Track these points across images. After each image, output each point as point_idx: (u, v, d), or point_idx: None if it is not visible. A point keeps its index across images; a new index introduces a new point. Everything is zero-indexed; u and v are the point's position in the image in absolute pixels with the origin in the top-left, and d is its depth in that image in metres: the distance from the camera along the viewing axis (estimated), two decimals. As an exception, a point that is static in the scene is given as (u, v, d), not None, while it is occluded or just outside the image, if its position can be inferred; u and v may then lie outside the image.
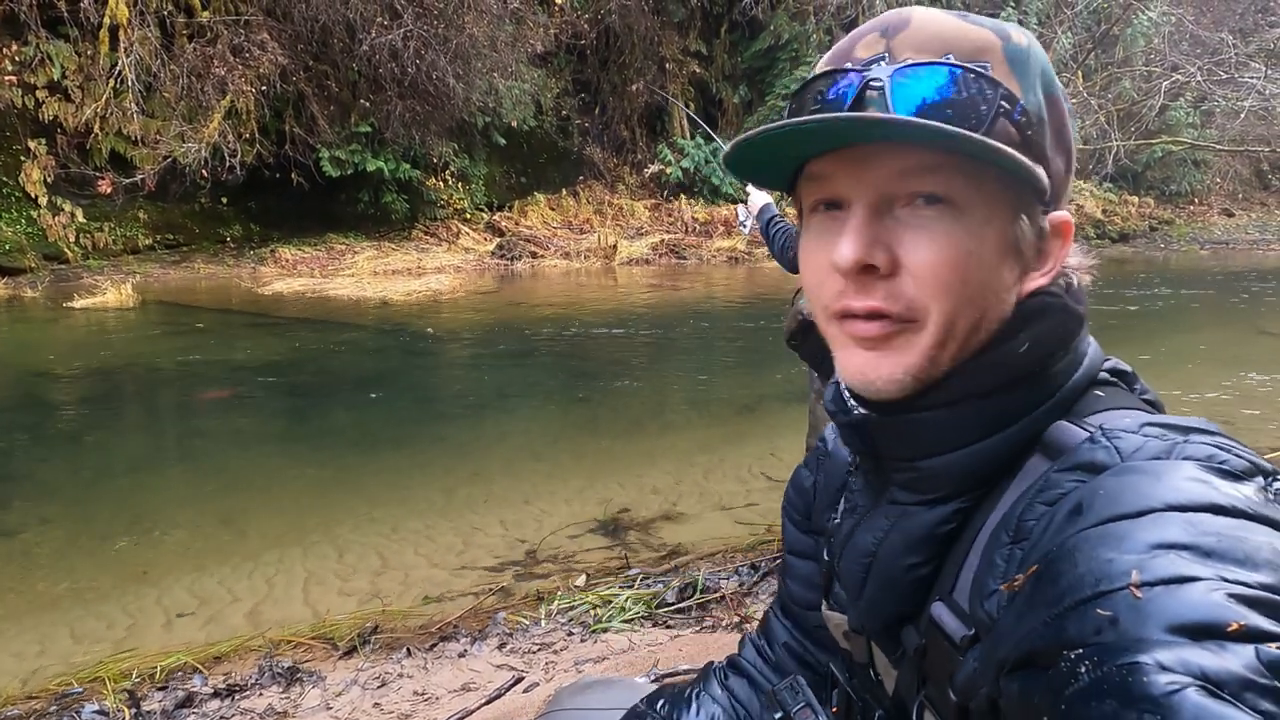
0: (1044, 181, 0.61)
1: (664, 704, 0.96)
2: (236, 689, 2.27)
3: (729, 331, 8.54)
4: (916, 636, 0.68)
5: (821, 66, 0.66)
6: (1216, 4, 18.40)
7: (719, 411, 5.59)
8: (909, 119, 0.57)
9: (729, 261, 14.69)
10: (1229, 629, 0.39)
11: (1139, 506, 0.48)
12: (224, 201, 12.86)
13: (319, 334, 8.10)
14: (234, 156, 11.54)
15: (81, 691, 2.33)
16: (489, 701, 2.11)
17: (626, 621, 2.59)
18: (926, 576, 0.67)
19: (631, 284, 12.35)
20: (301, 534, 3.53)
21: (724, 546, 3.27)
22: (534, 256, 14.11)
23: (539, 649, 2.44)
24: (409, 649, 2.47)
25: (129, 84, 11.01)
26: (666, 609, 2.67)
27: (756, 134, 0.61)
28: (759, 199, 2.97)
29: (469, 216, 15.22)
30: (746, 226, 2.99)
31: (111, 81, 11.08)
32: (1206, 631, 0.40)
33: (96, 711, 2.18)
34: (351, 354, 7.36)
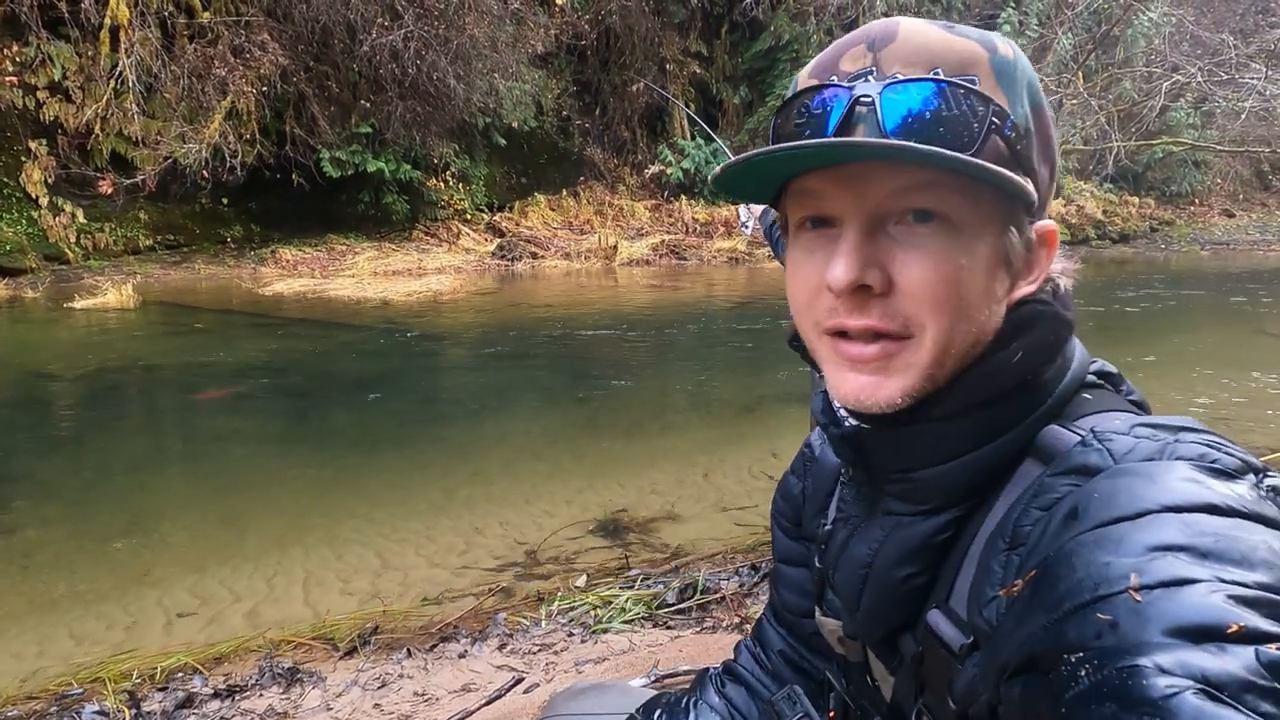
0: (1034, 195, 0.61)
1: (661, 714, 0.95)
2: (237, 689, 2.27)
3: (729, 332, 8.54)
4: (914, 644, 0.68)
5: (805, 79, 0.65)
6: (1217, 5, 18.40)
7: (719, 412, 5.59)
8: (909, 145, 0.56)
9: (729, 262, 14.69)
10: (1228, 631, 0.39)
11: (1135, 509, 0.48)
12: (224, 202, 12.86)
13: (319, 334, 8.10)
14: (234, 157, 11.54)
15: (81, 692, 2.33)
16: (489, 702, 2.11)
17: (627, 622, 2.58)
18: (923, 585, 0.66)
19: (632, 284, 12.35)
20: (302, 534, 3.53)
21: (724, 547, 3.27)
22: (534, 257, 14.11)
23: (539, 650, 2.44)
24: (409, 649, 2.47)
25: (130, 85, 11.01)
26: (667, 610, 2.67)
27: (753, 158, 0.60)
28: None
29: (469, 217, 15.23)
30: (748, 228, 2.99)
31: (112, 82, 11.09)
32: (1206, 634, 0.40)
33: (97, 712, 2.18)
34: (352, 354, 7.36)
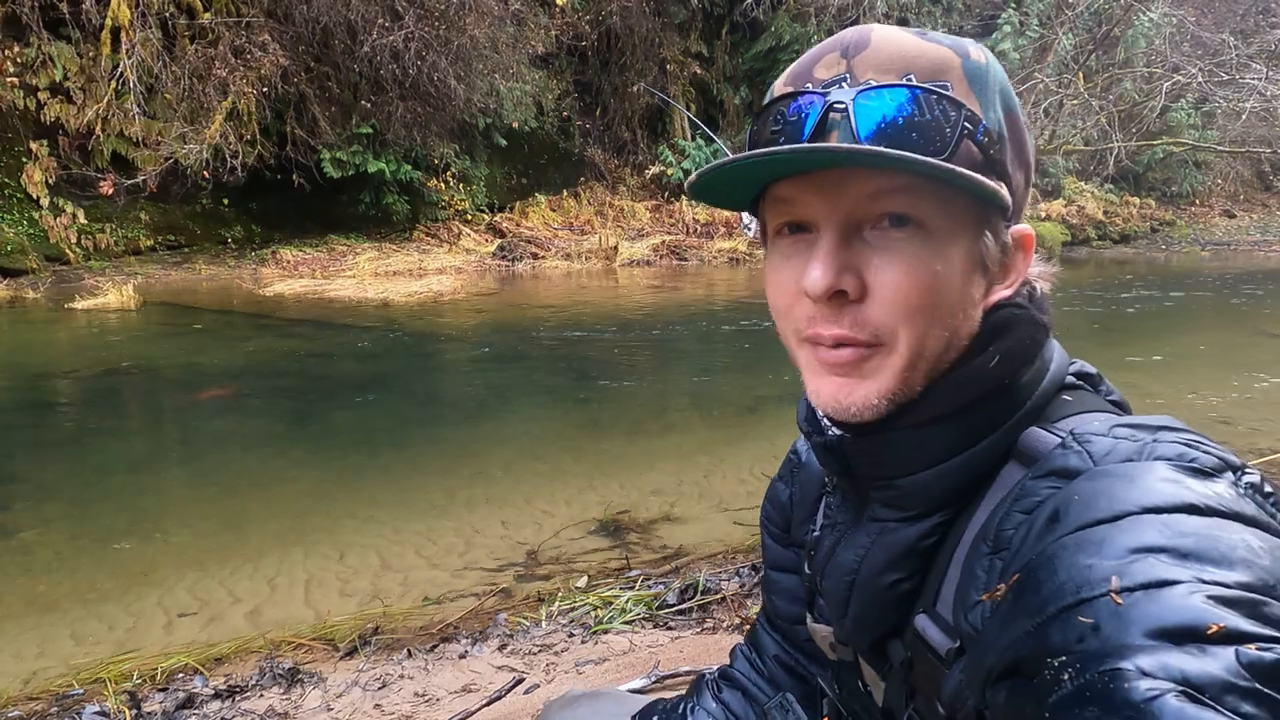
0: (1008, 200, 0.62)
1: None
2: (237, 690, 2.27)
3: (730, 332, 8.54)
4: (902, 650, 0.68)
5: (782, 86, 0.66)
6: (1217, 5, 18.41)
7: (720, 412, 5.59)
8: (881, 150, 0.57)
9: (730, 263, 14.69)
10: (1208, 631, 0.40)
11: (1115, 511, 0.48)
12: (225, 203, 12.87)
13: (320, 335, 8.10)
14: (235, 158, 11.55)
15: (82, 693, 2.33)
16: (490, 703, 2.11)
17: (627, 623, 2.58)
18: (910, 591, 0.67)
19: (632, 285, 12.36)
20: (302, 535, 3.53)
21: (725, 548, 3.27)
22: (535, 258, 14.11)
23: (540, 650, 2.44)
24: (410, 650, 2.47)
25: (131, 85, 11.02)
26: (667, 610, 2.67)
27: (727, 164, 0.60)
28: None
29: (470, 218, 15.23)
30: (751, 229, 2.98)
31: (113, 83, 11.10)
32: (1187, 635, 0.40)
33: (97, 713, 2.17)
34: (352, 355, 7.36)
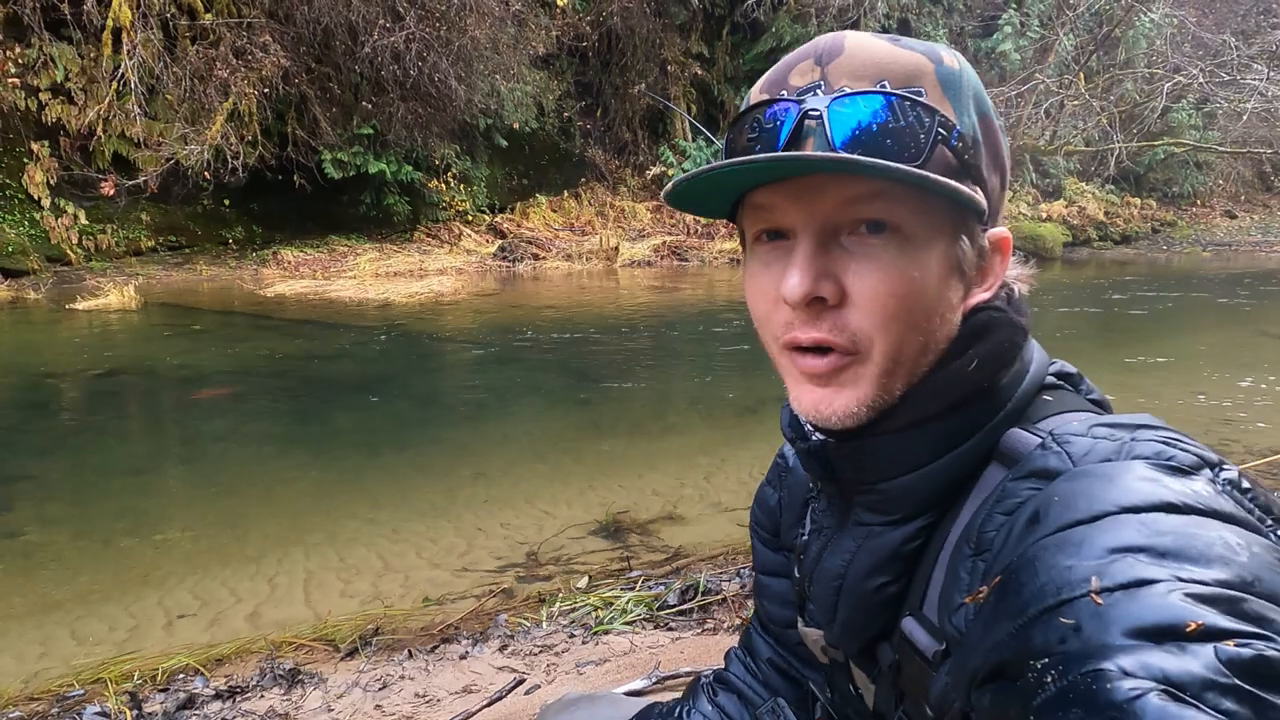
0: (983, 204, 0.62)
1: None
2: (238, 691, 2.27)
3: (730, 333, 8.53)
4: (891, 653, 0.68)
5: (757, 94, 0.66)
6: (1218, 6, 18.41)
7: (721, 413, 5.59)
8: (854, 158, 0.57)
9: (731, 263, 14.69)
10: (1188, 629, 0.40)
11: (1094, 511, 0.48)
12: (226, 203, 12.88)
13: (321, 336, 8.11)
14: (236, 158, 11.56)
15: (83, 693, 2.33)
16: (490, 704, 2.11)
17: (628, 623, 2.58)
18: (896, 594, 0.67)
19: (633, 286, 12.36)
20: (303, 535, 3.53)
21: (726, 548, 3.27)
22: (536, 258, 14.12)
23: (540, 651, 2.43)
24: (410, 651, 2.47)
25: (132, 86, 11.03)
26: (668, 611, 2.66)
27: (702, 173, 0.61)
28: None
29: (471, 218, 15.24)
30: None
31: (114, 84, 11.11)
32: (1166, 633, 0.40)
33: (98, 713, 2.18)
34: (353, 356, 7.36)
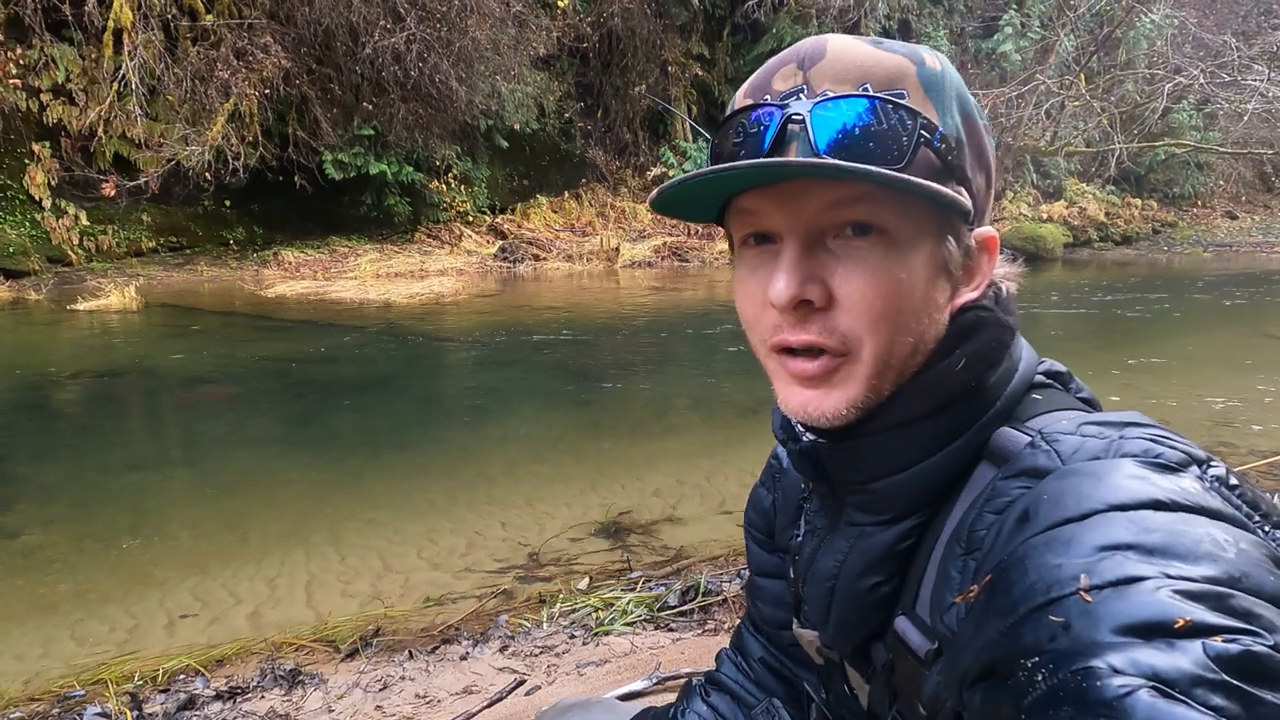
0: (967, 205, 0.62)
1: None
2: (238, 691, 2.27)
3: (731, 334, 8.53)
4: (885, 652, 0.68)
5: (741, 99, 0.67)
6: (1219, 6, 18.41)
7: (721, 414, 5.59)
8: (837, 163, 0.57)
9: (731, 264, 14.67)
10: (1176, 626, 0.40)
11: (1082, 509, 0.48)
12: (227, 204, 12.89)
13: (321, 337, 8.11)
14: (237, 159, 11.57)
15: (84, 694, 2.33)
16: (490, 704, 2.10)
17: (628, 624, 2.58)
18: (889, 594, 0.67)
19: (634, 286, 12.36)
20: (303, 536, 3.53)
21: (726, 549, 3.27)
22: (536, 259, 14.13)
23: (541, 652, 2.43)
24: (411, 651, 2.47)
25: (133, 87, 11.04)
26: (669, 611, 2.66)
27: (687, 180, 0.61)
28: None
29: (471, 219, 15.25)
30: None
31: (115, 85, 11.12)
32: (1155, 630, 0.40)
33: (98, 714, 2.18)
34: (354, 357, 7.36)
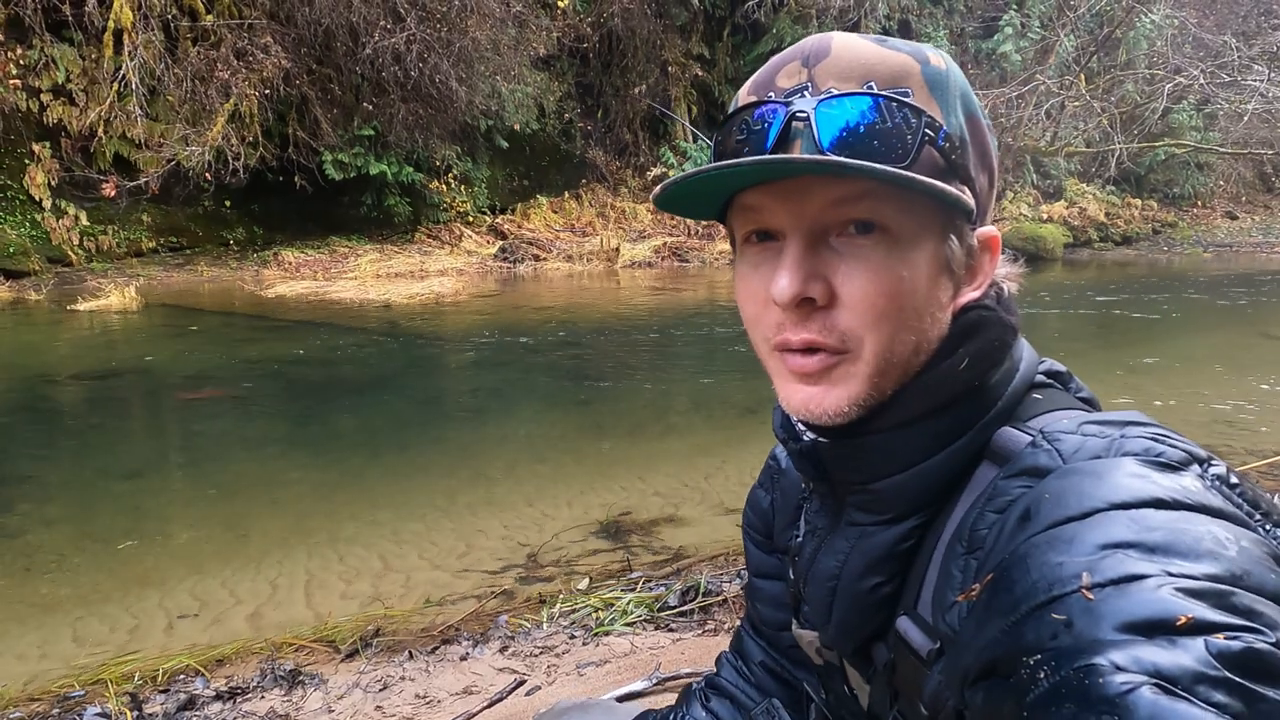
0: (970, 204, 0.62)
1: None
2: (238, 691, 2.27)
3: (731, 334, 8.53)
4: (886, 652, 0.68)
5: (745, 96, 0.66)
6: (1219, 7, 18.42)
7: (721, 414, 5.59)
8: (841, 160, 0.57)
9: (731, 264, 14.64)
10: (1178, 623, 0.40)
11: (1084, 508, 0.49)
12: (227, 204, 12.89)
13: (322, 337, 8.11)
14: (237, 159, 11.57)
15: (83, 694, 2.33)
16: (491, 705, 2.10)
17: (629, 624, 2.58)
18: (891, 594, 0.67)
19: (634, 287, 12.36)
20: (303, 536, 3.53)
21: (726, 549, 3.27)
22: (536, 259, 14.13)
23: (541, 652, 2.43)
24: (411, 652, 2.47)
25: (133, 87, 11.05)
26: (669, 612, 2.66)
27: (690, 177, 0.61)
28: None
29: (472, 219, 15.25)
30: None
31: (115, 85, 11.12)
32: (1157, 628, 0.40)
33: (98, 714, 2.18)
34: (354, 357, 7.36)
